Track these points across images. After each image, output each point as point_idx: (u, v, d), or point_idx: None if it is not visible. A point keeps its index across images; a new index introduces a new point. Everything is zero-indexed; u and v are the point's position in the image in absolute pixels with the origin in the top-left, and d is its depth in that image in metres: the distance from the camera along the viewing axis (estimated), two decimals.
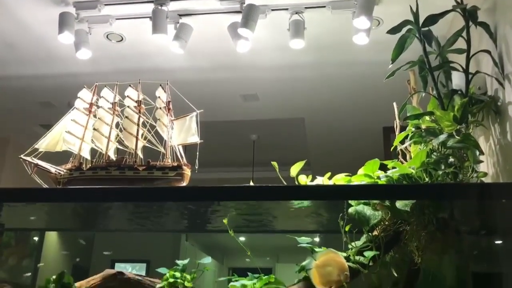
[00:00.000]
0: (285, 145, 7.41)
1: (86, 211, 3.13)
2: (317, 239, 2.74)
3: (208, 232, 3.70)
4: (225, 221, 2.80)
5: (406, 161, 2.83)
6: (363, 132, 6.62)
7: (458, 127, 2.48)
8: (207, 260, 2.74)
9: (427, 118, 2.64)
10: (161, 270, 2.72)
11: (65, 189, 2.57)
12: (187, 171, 2.86)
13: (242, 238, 4.69)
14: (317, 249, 2.61)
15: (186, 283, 2.63)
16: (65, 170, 2.90)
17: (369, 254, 2.39)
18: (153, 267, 2.74)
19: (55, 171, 2.91)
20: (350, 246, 2.55)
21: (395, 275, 2.63)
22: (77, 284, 2.65)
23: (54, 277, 2.62)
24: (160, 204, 2.81)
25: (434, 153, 2.54)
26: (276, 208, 2.87)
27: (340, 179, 2.51)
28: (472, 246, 2.96)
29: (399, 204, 2.31)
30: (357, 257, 2.49)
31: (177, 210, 3.02)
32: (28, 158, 2.92)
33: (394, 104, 2.97)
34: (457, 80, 2.83)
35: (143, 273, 4.78)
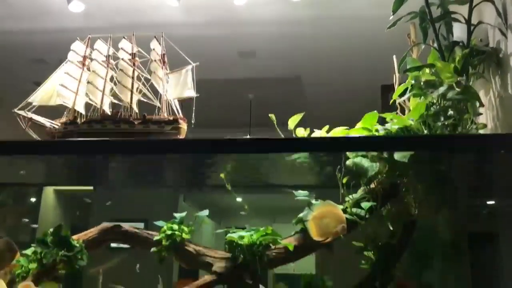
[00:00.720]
0: (282, 104, 7.34)
1: (83, 166, 3.12)
2: (314, 196, 2.74)
3: (205, 188, 3.69)
4: (222, 175, 2.79)
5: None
6: (360, 91, 6.56)
7: (458, 79, 2.43)
8: (205, 212, 2.74)
9: (427, 70, 2.59)
10: (159, 223, 2.73)
11: (61, 141, 2.54)
12: (183, 125, 2.83)
13: (239, 199, 4.72)
14: (314, 202, 2.61)
15: (183, 235, 2.64)
16: (59, 124, 2.86)
17: (366, 205, 2.40)
18: (150, 227, 2.75)
19: (50, 125, 2.87)
20: (347, 199, 2.56)
21: (391, 228, 2.65)
22: (74, 237, 2.66)
23: (51, 230, 2.62)
24: (157, 158, 2.79)
25: (434, 106, 2.51)
26: (273, 163, 2.86)
27: (338, 132, 2.48)
28: (469, 200, 2.98)
29: (397, 156, 2.29)
30: (354, 210, 2.50)
31: (174, 165, 3.01)
32: (22, 112, 2.87)
33: (394, 57, 2.91)
34: (459, 32, 2.77)
35: None
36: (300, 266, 2.87)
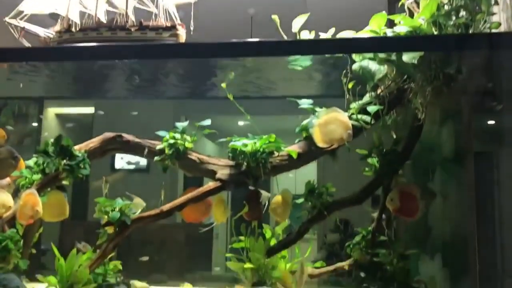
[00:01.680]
0: (284, 20, 7.09)
1: (81, 76, 3.05)
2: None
3: (206, 99, 3.63)
4: (223, 85, 2.72)
5: None
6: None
7: None
8: (207, 122, 2.69)
9: None
10: (161, 133, 2.70)
11: (59, 47, 2.44)
12: (182, 32, 2.71)
13: (241, 123, 4.67)
14: (318, 109, 2.56)
15: (186, 144, 2.62)
16: (54, 33, 2.74)
17: (372, 108, 2.34)
18: None
19: (44, 34, 2.75)
20: (352, 105, 2.50)
21: (394, 136, 2.62)
22: (76, 147, 2.63)
23: (52, 140, 2.59)
24: (157, 65, 2.72)
25: (445, 6, 2.38)
26: (276, 69, 2.77)
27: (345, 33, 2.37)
28: (478, 105, 2.92)
29: (406, 57, 2.20)
30: (359, 116, 2.45)
31: (174, 73, 2.93)
32: (14, 21, 2.75)
33: None
34: None
35: None
36: (301, 174, 2.86)
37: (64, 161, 2.51)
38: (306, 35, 2.40)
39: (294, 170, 2.64)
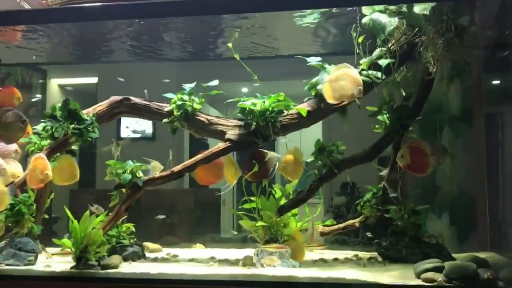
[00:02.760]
0: None
1: (83, 41, 3.00)
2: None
3: (210, 63, 3.57)
4: (229, 45, 2.67)
5: None
6: None
7: None
8: (215, 82, 2.66)
9: None
10: (168, 95, 2.67)
11: (62, 8, 2.38)
12: None
13: (244, 90, 4.60)
14: (327, 66, 2.52)
15: (194, 105, 2.60)
16: None
17: (384, 62, 2.30)
18: None
19: None
20: (362, 61, 2.46)
21: (403, 93, 2.58)
22: (84, 111, 2.62)
23: (59, 105, 2.57)
24: (159, 26, 2.66)
25: None
26: (282, 25, 2.71)
27: None
28: (488, 59, 2.87)
29: (417, 8, 2.15)
30: (370, 72, 2.41)
31: (176, 34, 2.88)
32: None
33: None
34: None
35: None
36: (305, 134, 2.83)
37: (73, 125, 2.50)
38: None
39: (298, 131, 2.62)
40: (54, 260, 2.48)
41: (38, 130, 2.65)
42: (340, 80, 2.32)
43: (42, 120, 2.62)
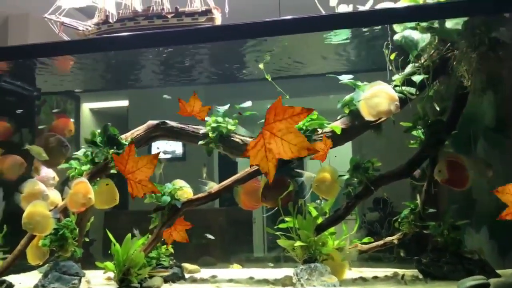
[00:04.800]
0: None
1: (116, 66, 3.09)
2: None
3: (243, 82, 3.61)
4: (261, 66, 2.72)
5: None
6: None
7: None
8: (248, 103, 2.70)
9: None
10: None
11: (98, 38, 2.48)
12: (218, 15, 2.72)
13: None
14: (359, 83, 2.53)
15: (229, 126, 2.64)
16: (92, 26, 2.79)
17: (418, 78, 2.31)
18: None
19: (83, 27, 2.81)
20: (394, 77, 2.46)
21: (437, 107, 2.57)
22: (122, 136, 2.69)
23: (99, 130, 2.65)
24: (188, 50, 2.73)
25: None
26: (313, 46, 2.75)
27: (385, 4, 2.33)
28: None
29: (449, 23, 2.16)
30: (403, 87, 2.42)
31: (205, 58, 2.95)
32: (53, 17, 2.81)
33: None
34: None
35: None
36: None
37: (112, 150, 2.57)
38: (344, 8, 2.37)
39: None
40: (97, 282, 2.53)
41: (78, 156, 2.73)
42: (375, 97, 2.33)
43: (82, 146, 2.70)
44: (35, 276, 2.68)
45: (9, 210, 2.73)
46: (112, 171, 2.71)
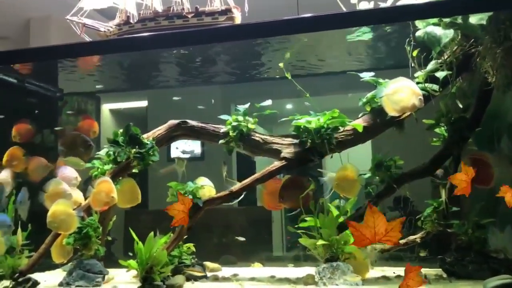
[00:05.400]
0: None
1: (136, 66, 3.12)
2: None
3: (261, 81, 3.61)
4: (281, 65, 2.71)
5: None
6: None
7: None
8: (268, 102, 2.70)
9: None
10: (223, 116, 2.73)
11: (120, 38, 2.50)
12: (238, 15, 2.72)
13: (289, 106, 4.61)
14: (381, 80, 2.51)
15: (249, 125, 2.64)
16: (113, 26, 2.82)
17: (441, 74, 2.28)
18: None
19: (104, 28, 2.83)
20: (417, 74, 2.44)
21: (460, 104, 2.53)
22: (144, 135, 2.71)
23: (121, 130, 2.68)
24: (205, 51, 2.74)
25: None
26: (334, 43, 2.74)
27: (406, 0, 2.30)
28: None
29: (473, 19, 2.12)
30: (426, 84, 2.39)
31: (222, 58, 2.95)
32: (75, 18, 2.84)
33: None
34: None
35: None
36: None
37: (134, 149, 2.59)
38: (365, 5, 2.36)
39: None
40: (120, 280, 2.56)
41: (101, 155, 2.76)
42: (398, 92, 2.30)
43: (104, 146, 2.73)
44: (59, 274, 2.73)
45: (34, 210, 2.77)
46: (134, 170, 2.75)
